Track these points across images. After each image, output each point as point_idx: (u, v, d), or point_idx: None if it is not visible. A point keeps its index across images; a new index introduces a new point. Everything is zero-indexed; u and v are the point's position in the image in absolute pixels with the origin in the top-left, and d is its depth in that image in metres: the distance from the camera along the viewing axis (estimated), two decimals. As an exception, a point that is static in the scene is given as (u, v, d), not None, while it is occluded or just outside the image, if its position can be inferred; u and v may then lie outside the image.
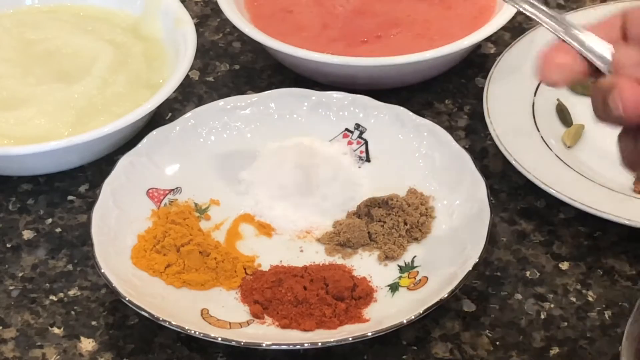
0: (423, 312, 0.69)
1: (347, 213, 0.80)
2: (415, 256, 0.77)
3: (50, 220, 0.83)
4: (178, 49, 0.89)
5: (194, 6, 1.03)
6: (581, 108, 0.89)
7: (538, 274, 0.77)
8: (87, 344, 0.73)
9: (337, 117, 0.85)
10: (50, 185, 0.85)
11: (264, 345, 0.68)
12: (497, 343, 0.72)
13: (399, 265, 0.76)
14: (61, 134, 0.84)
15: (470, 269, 0.71)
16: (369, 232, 0.78)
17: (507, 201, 0.83)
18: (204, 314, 0.72)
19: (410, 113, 0.83)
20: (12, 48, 0.91)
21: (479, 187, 0.77)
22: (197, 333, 0.68)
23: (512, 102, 0.87)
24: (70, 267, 0.79)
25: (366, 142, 0.84)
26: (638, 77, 0.55)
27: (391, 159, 0.83)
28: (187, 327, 0.68)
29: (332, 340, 0.69)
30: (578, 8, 0.98)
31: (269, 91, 0.86)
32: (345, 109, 0.85)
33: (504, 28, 0.92)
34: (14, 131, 0.84)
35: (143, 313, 0.69)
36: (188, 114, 0.84)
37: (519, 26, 0.99)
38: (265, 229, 0.80)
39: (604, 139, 0.86)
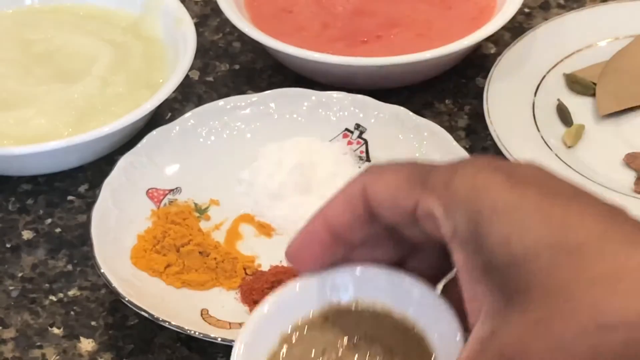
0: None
1: (347, 213, 0.80)
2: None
3: (49, 220, 0.83)
4: (178, 49, 0.89)
5: (194, 6, 1.03)
6: (581, 108, 0.89)
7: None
8: (86, 344, 0.73)
9: (337, 117, 0.85)
10: (50, 185, 0.85)
11: (263, 345, 0.68)
12: (498, 343, 0.72)
13: (399, 266, 0.76)
14: (61, 134, 0.84)
15: (471, 269, 0.71)
16: (369, 232, 0.78)
17: (507, 201, 0.83)
18: (204, 314, 0.72)
19: (410, 113, 0.83)
20: (12, 48, 0.91)
21: (479, 187, 0.77)
22: (197, 333, 0.68)
23: (512, 102, 0.87)
24: (70, 267, 0.79)
25: (366, 142, 0.84)
26: None
27: (391, 159, 0.83)
28: (187, 327, 0.68)
29: (332, 340, 0.68)
30: (578, 8, 0.98)
31: (269, 91, 0.86)
32: (345, 109, 0.85)
33: (504, 28, 0.92)
34: (14, 131, 0.84)
35: (143, 313, 0.69)
36: (188, 114, 0.84)
37: (519, 26, 0.99)
38: (265, 229, 0.79)
39: (604, 139, 0.86)
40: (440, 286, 0.53)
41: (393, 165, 0.50)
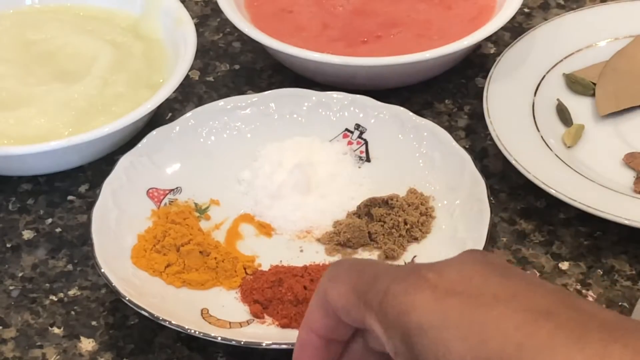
0: (423, 312, 0.69)
1: (347, 213, 0.80)
2: (415, 256, 0.77)
3: (50, 220, 0.83)
4: (178, 49, 0.89)
5: (194, 6, 1.03)
6: (581, 108, 0.89)
7: (538, 274, 0.77)
8: (87, 344, 0.73)
9: (337, 117, 0.85)
10: (50, 185, 0.85)
11: (264, 344, 0.68)
12: (497, 343, 0.72)
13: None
14: (61, 134, 0.84)
15: (470, 268, 0.71)
16: (369, 232, 0.78)
17: (507, 201, 0.83)
18: (204, 314, 0.72)
19: (410, 113, 0.83)
20: (12, 48, 0.91)
21: (479, 187, 0.77)
22: (197, 333, 0.68)
23: (512, 102, 0.87)
24: (70, 267, 0.79)
25: (366, 142, 0.84)
26: None
27: (391, 159, 0.83)
28: (187, 327, 0.68)
29: (332, 340, 0.68)
30: (578, 8, 0.98)
31: (269, 91, 0.86)
32: (345, 109, 0.85)
33: (504, 28, 0.92)
34: (14, 131, 0.84)
35: (143, 313, 0.69)
36: (188, 114, 0.84)
37: (519, 26, 0.99)
38: (265, 229, 0.80)
39: (604, 139, 0.86)
40: None
41: (345, 270, 0.51)
